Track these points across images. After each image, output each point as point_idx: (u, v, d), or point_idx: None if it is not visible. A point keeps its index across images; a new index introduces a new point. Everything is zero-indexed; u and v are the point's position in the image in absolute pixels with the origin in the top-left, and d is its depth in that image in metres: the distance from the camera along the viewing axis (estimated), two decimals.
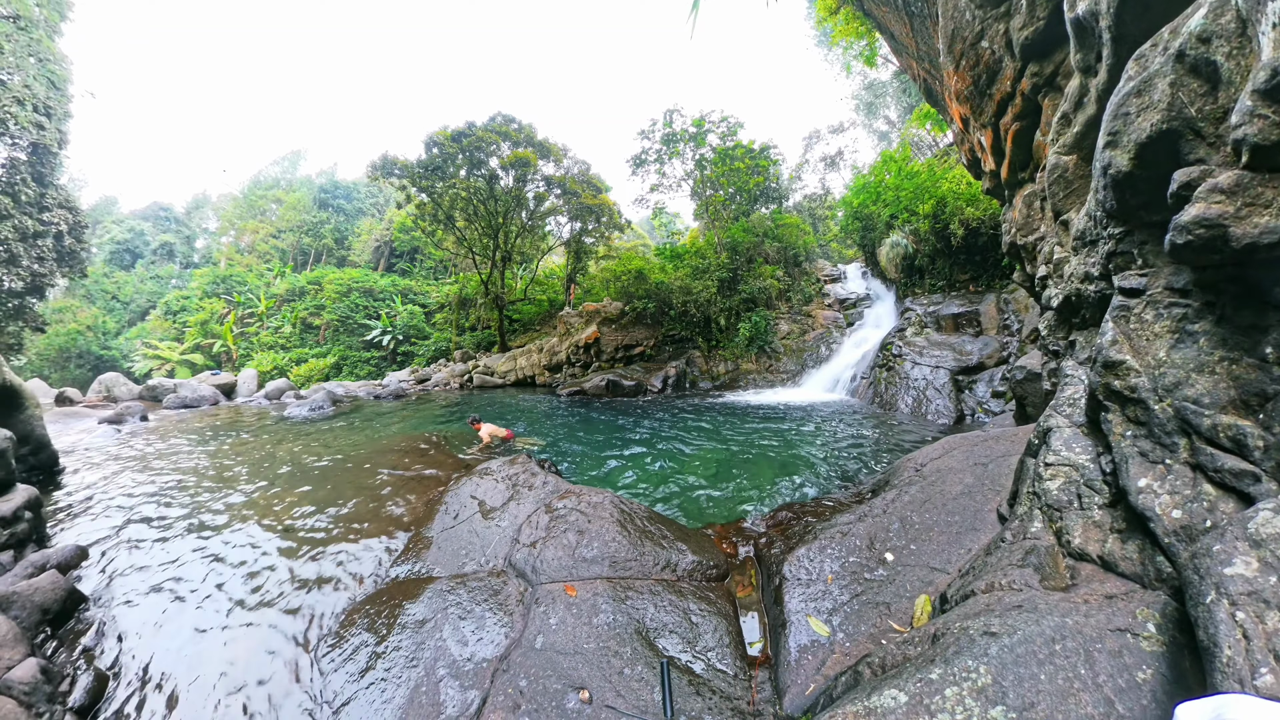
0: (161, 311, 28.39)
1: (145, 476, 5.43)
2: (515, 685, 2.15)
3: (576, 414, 10.84)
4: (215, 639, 2.69)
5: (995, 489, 3.05)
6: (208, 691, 2.36)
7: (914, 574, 2.56)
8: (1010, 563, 2.04)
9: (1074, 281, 3.14)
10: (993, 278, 11.93)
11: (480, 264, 22.94)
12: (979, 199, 11.65)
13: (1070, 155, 3.39)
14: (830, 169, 26.86)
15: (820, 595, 2.59)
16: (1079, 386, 2.64)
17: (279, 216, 38.03)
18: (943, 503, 3.11)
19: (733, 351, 15.88)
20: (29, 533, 3.45)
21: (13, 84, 14.97)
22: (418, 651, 2.41)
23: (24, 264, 15.57)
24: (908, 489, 3.41)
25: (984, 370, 9.20)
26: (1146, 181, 2.02)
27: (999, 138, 4.80)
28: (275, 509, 4.39)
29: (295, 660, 2.52)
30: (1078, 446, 2.31)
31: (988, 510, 2.89)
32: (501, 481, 4.23)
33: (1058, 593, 1.77)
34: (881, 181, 15.56)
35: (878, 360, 11.10)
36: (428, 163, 19.61)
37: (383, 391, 14.75)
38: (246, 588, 3.13)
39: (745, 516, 4.23)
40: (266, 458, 6.29)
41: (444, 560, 3.33)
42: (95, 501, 4.65)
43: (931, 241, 12.79)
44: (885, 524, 3.04)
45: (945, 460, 3.75)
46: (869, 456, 6.20)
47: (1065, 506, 2.13)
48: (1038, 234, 4.67)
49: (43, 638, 2.61)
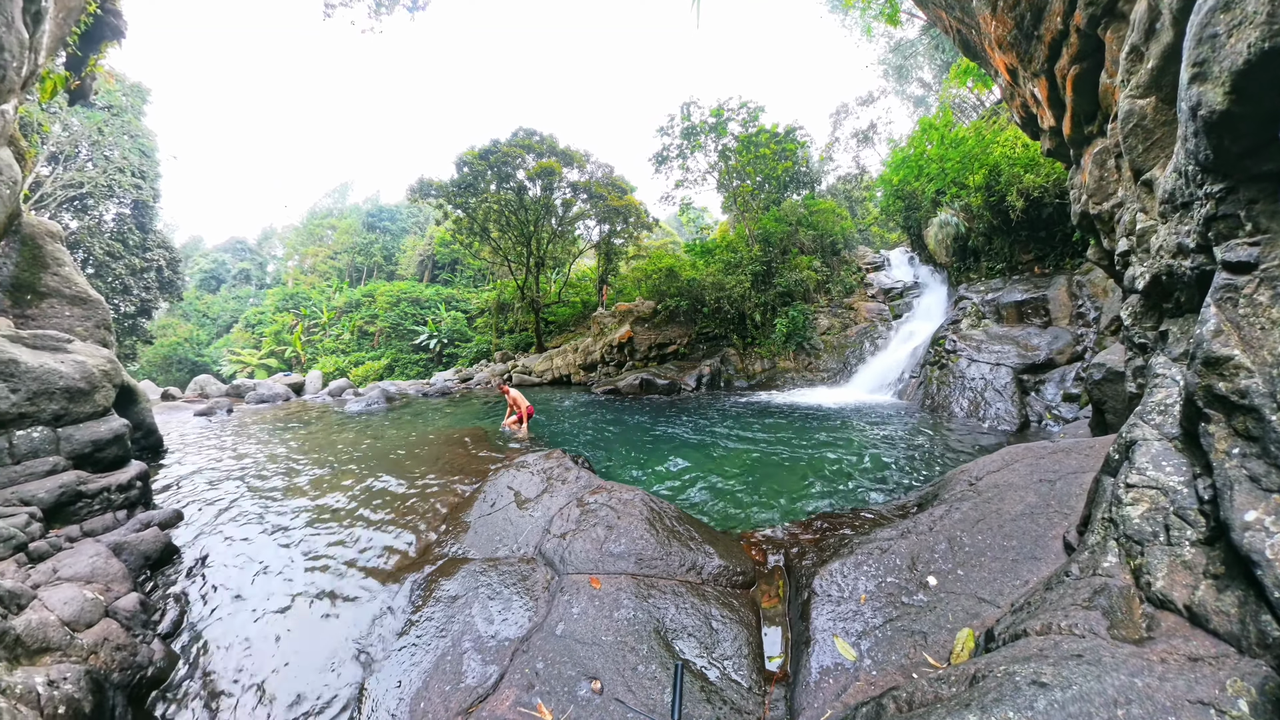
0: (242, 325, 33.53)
1: (229, 458, 6.44)
2: (532, 666, 2.25)
3: (610, 412, 10.98)
4: (278, 591, 3.18)
5: (1063, 512, 2.66)
6: (268, 631, 2.81)
7: (958, 603, 2.31)
8: (1074, 602, 1.78)
9: (1163, 256, 2.58)
10: (1062, 256, 10.44)
11: (516, 271, 24.10)
12: (1039, 163, 10.11)
13: (1147, 98, 2.79)
14: (864, 145, 24.77)
15: (850, 615, 2.42)
16: (1172, 389, 2.18)
17: (334, 240, 42.64)
18: (999, 524, 2.76)
19: (769, 349, 15.24)
20: (138, 497, 4.23)
21: (114, 157, 19.56)
22: (448, 624, 2.58)
23: (135, 293, 20.32)
24: (959, 505, 3.09)
25: (1054, 368, 8.05)
26: (1250, 121, 1.59)
27: (1055, 87, 4.12)
28: (334, 488, 5.02)
29: (342, 615, 2.89)
30: (1168, 465, 1.91)
31: (1051, 536, 2.52)
32: (537, 474, 4.35)
33: (1128, 645, 1.50)
34: (922, 153, 13.86)
35: (929, 357, 10.15)
36: (460, 181, 21.04)
37: (430, 390, 16.02)
38: (306, 551, 3.64)
39: (777, 523, 4.09)
40: (328, 446, 7.14)
41: (479, 544, 3.52)
42: (190, 476, 5.59)
43: (986, 217, 11.42)
44: (930, 543, 2.77)
45: (1005, 474, 3.36)
46: (916, 465, 5.69)
47: (1148, 540, 1.78)
48: (1114, 199, 3.97)
49: (143, 578, 3.26)
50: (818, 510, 4.33)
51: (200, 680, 2.49)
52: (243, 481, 5.34)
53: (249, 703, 2.35)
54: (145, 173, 20.81)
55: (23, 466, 3.71)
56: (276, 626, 2.84)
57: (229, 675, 2.51)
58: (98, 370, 4.58)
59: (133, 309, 20.58)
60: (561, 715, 2.01)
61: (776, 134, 18.60)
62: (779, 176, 18.70)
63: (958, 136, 13.14)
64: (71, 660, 2.16)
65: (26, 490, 3.51)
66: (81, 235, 18.76)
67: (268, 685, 2.43)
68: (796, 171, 19.43)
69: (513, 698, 2.08)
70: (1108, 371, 4.56)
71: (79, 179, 18.62)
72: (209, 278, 45.18)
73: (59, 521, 3.55)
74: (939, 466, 5.55)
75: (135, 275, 20.20)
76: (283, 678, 2.47)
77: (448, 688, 2.21)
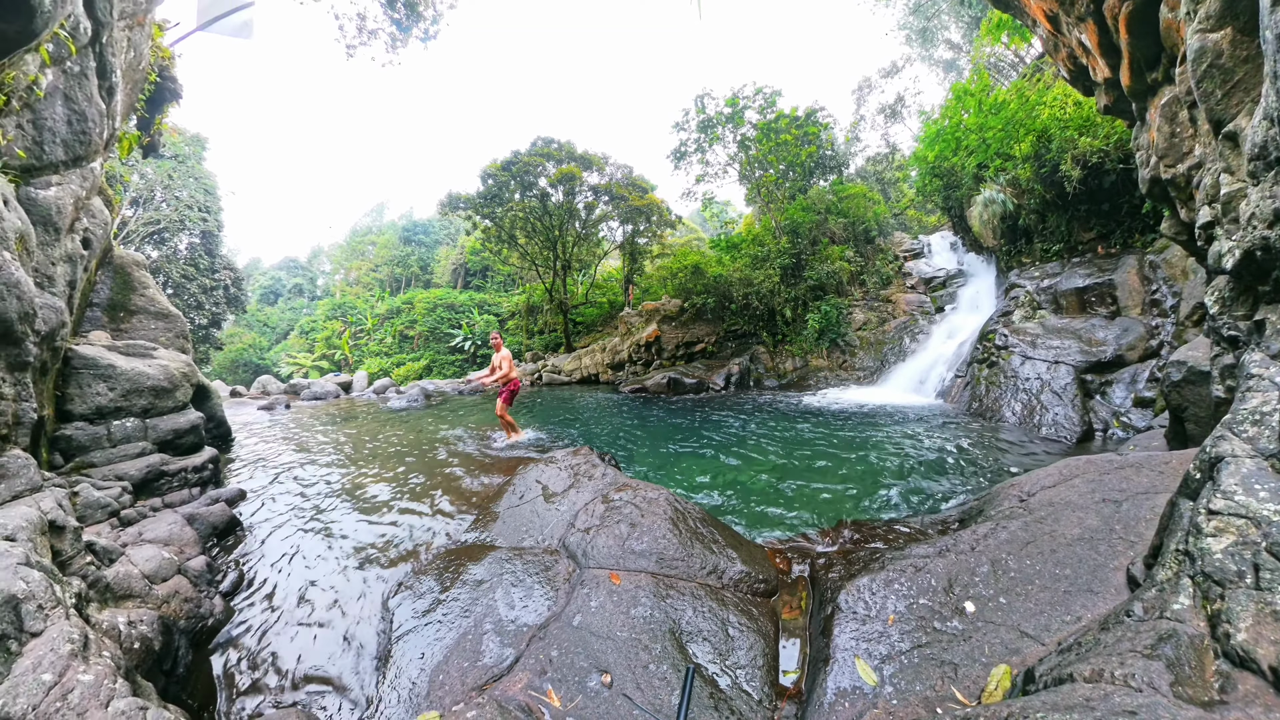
0: (297, 332, 37.88)
1: (287, 447, 7.27)
2: (547, 653, 2.31)
3: (637, 411, 11.02)
4: (323, 562, 3.56)
5: (1128, 539, 2.31)
6: (312, 595, 3.18)
7: (996, 635, 2.11)
8: (1133, 649, 1.57)
9: (1257, 226, 2.12)
10: (1130, 232, 9.14)
11: (543, 274, 25.02)
12: (1096, 123, 8.84)
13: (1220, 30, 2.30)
14: (892, 121, 22.90)
15: (876, 636, 2.28)
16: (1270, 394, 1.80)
17: (374, 254, 46.41)
18: (1051, 548, 2.46)
19: (801, 346, 14.59)
20: (209, 477, 5.02)
21: (183, 197, 23.97)
22: (471, 605, 2.73)
23: (206, 307, 24.64)
24: (1007, 524, 2.81)
25: (1123, 367, 7.07)
26: None
27: (1106, 30, 3.56)
28: (377, 476, 5.55)
29: (376, 588, 3.16)
30: (1263, 489, 1.59)
31: (1113, 567, 2.21)
32: (565, 470, 4.48)
33: (1194, 708, 1.28)
34: (959, 124, 12.37)
35: (976, 354, 9.24)
36: (485, 193, 22.05)
37: (465, 388, 16.72)
38: (349, 530, 4.06)
39: (804, 531, 3.96)
40: (372, 438, 7.82)
41: (506, 534, 3.67)
42: (255, 461, 6.35)
43: (1038, 192, 10.22)
44: (971, 564, 2.52)
45: (1061, 491, 3.03)
46: (960, 476, 5.20)
47: (1232, 581, 1.49)
48: (1191, 159, 3.38)
49: (210, 544, 3.79)
50: (849, 520, 4.07)
51: (251, 632, 2.88)
52: (297, 467, 6.02)
53: (291, 653, 2.70)
54: (209, 208, 24.94)
55: (118, 449, 4.47)
56: (319, 592, 3.21)
57: (275, 629, 2.89)
58: (178, 372, 5.37)
59: (205, 321, 24.51)
60: (569, 703, 2.05)
61: (796, 118, 17.64)
62: (803, 163, 17.72)
63: (997, 101, 11.54)
64: (148, 607, 2.60)
65: (121, 468, 4.26)
66: (161, 262, 22.73)
67: (308, 641, 2.78)
68: (821, 156, 18.32)
69: (525, 681, 2.16)
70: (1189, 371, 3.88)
71: (156, 217, 22.97)
72: (268, 292, 50.50)
73: (145, 494, 4.27)
74: (985, 478, 5.05)
75: (206, 293, 24.36)
76: (321, 637, 2.80)
77: (466, 664, 2.35)
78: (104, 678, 1.47)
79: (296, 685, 2.49)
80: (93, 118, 3.99)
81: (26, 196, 3.63)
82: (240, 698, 2.44)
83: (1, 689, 1.28)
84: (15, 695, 1.25)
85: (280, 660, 2.64)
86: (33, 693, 1.31)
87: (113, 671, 1.54)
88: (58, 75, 3.65)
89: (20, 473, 2.88)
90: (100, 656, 1.58)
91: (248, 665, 2.63)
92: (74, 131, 3.88)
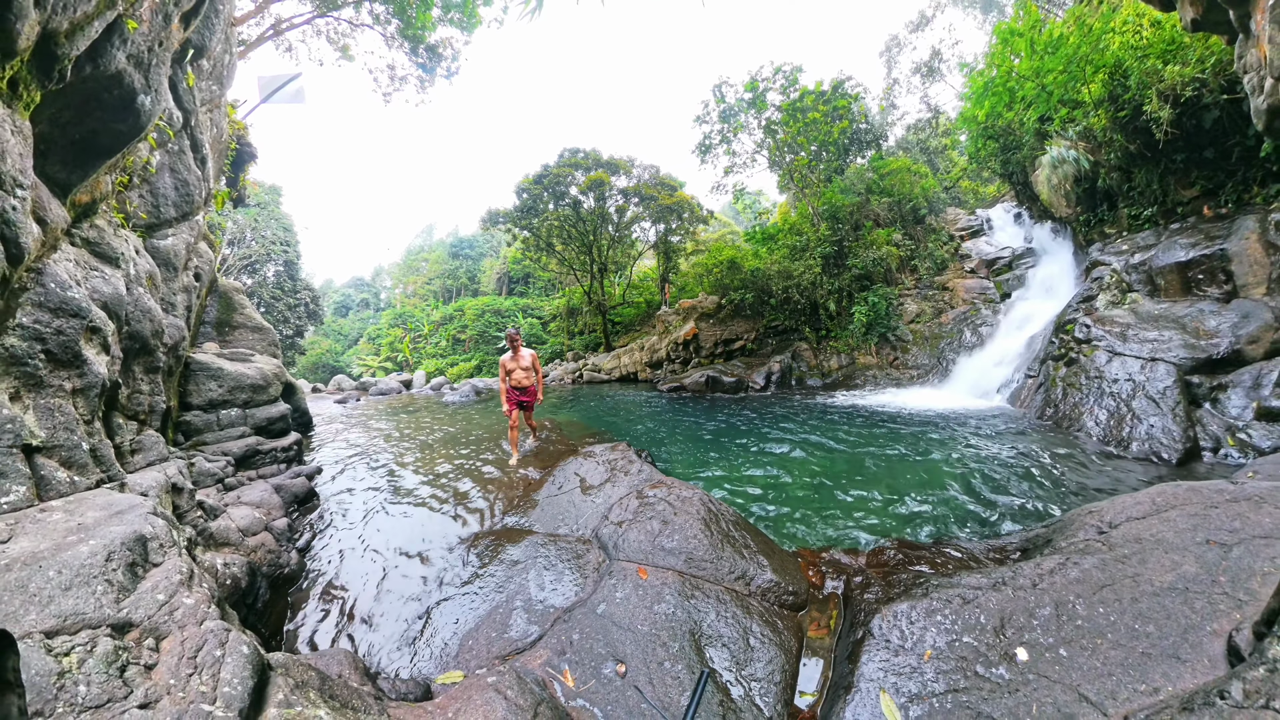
0: (365, 338, 43.56)
1: (358, 433, 8.66)
2: (569, 636, 2.41)
3: (674, 410, 11.01)
4: (384, 531, 4.14)
5: (1235, 596, 1.94)
6: (373, 556, 3.71)
7: (1049, 693, 1.82)
8: None
9: None
10: (1246, 184, 7.26)
11: (581, 278, 26.13)
12: (1184, 45, 7.17)
13: None
14: (930, 80, 20.14)
15: (907, 671, 2.09)
16: None
17: (427, 270, 51.98)
18: (1133, 596, 2.12)
19: (847, 342, 13.72)
20: (294, 456, 6.09)
21: (268, 235, 30.35)
22: (506, 583, 2.95)
23: (291, 321, 30.44)
24: (1079, 560, 2.47)
25: (1242, 366, 5.64)
26: None
27: None
28: (433, 461, 6.31)
29: (428, 555, 3.58)
30: None
31: (1209, 631, 1.86)
32: (602, 464, 4.64)
33: None
34: (1009, 72, 10.29)
35: (1051, 349, 7.92)
36: (521, 206, 23.50)
37: None
38: (407, 506, 4.67)
39: (842, 545, 3.75)
40: (430, 428, 8.98)
41: (544, 520, 3.90)
42: (330, 445, 7.64)
43: (1118, 143, 8.51)
44: (1030, 604, 2.22)
45: (1153, 525, 2.61)
46: (1026, 496, 4.52)
47: None
48: None
49: (292, 509, 4.58)
50: (893, 538, 3.75)
51: (320, 582, 3.43)
52: (365, 450, 7.08)
53: (350, 600, 3.17)
54: (289, 242, 31.19)
55: (225, 432, 5.68)
56: (375, 554, 3.71)
57: (341, 581, 3.41)
58: (270, 373, 6.59)
59: (290, 332, 30.25)
60: (582, 685, 2.13)
61: (822, 93, 16.36)
62: (835, 140, 16.47)
63: (1053, 37, 9.22)
64: (240, 554, 3.22)
65: (226, 447, 5.36)
66: (254, 287, 28.74)
67: (367, 593, 3.22)
68: (855, 131, 16.96)
69: (545, 658, 2.27)
70: None
71: (248, 253, 29.52)
72: (340, 307, 59.27)
73: (244, 467, 5.27)
74: (1057, 502, 4.36)
75: (290, 310, 30.53)
76: (379, 591, 3.22)
77: (494, 634, 2.54)
78: (201, 603, 1.84)
79: (348, 627, 2.90)
80: (193, 183, 5.13)
81: (151, 246, 4.70)
82: (301, 630, 2.95)
83: (128, 600, 1.71)
84: (137, 606, 1.71)
85: (338, 606, 3.12)
86: (149, 606, 1.73)
87: (208, 599, 1.89)
88: (163, 155, 4.71)
89: (153, 447, 3.75)
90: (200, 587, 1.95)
91: (312, 607, 3.13)
92: (180, 195, 5.00)
